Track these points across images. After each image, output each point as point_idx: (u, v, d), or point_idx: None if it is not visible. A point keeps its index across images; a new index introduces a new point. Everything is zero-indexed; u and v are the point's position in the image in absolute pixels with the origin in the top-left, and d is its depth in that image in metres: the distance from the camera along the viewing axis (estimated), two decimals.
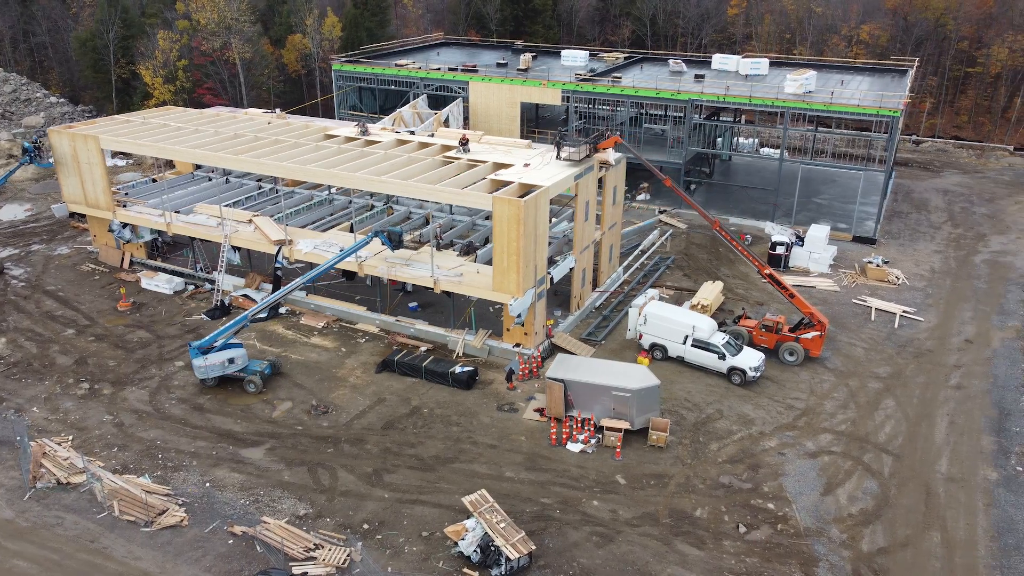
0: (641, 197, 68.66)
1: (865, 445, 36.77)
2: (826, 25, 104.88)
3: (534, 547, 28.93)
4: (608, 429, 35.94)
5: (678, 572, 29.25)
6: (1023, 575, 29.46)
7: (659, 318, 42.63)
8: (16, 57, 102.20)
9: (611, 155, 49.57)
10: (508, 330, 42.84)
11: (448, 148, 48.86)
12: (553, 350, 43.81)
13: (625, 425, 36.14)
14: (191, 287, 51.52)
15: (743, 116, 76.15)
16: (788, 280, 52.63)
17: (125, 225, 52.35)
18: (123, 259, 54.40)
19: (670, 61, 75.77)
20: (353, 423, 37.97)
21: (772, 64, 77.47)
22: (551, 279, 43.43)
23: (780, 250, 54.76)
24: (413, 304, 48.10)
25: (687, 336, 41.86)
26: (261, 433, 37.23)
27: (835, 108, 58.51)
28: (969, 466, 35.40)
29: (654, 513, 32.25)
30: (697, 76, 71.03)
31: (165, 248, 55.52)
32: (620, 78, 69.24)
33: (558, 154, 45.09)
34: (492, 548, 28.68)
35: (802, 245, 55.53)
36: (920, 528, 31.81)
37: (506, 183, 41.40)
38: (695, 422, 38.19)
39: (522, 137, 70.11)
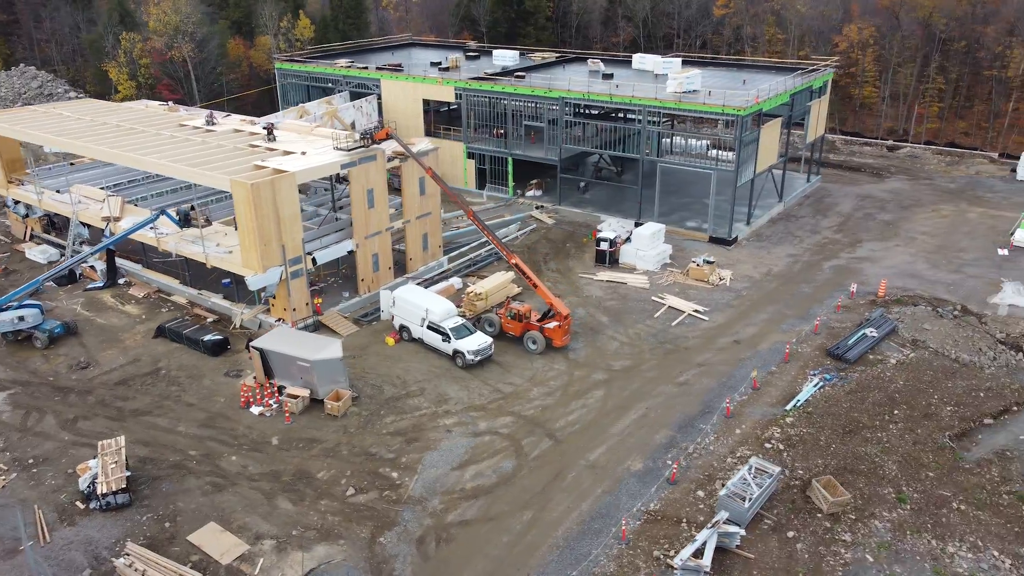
0: (531, 193, 69.99)
1: (536, 430, 37.69)
2: (827, 26, 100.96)
3: (124, 485, 32.35)
4: (289, 395, 38.76)
5: (252, 521, 31.86)
6: (583, 558, 30.03)
7: (404, 301, 44.83)
8: (62, 56, 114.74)
9: (422, 146, 52.08)
10: (272, 306, 46.29)
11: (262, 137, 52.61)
12: (319, 327, 46.90)
13: (305, 392, 38.83)
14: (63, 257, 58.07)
15: (668, 118, 75.36)
16: (605, 275, 53.49)
17: (17, 202, 59.62)
18: (26, 232, 61.81)
19: (589, 61, 76.39)
20: (97, 378, 42.61)
21: (688, 63, 76.61)
22: (313, 260, 46.42)
23: (604, 246, 55.08)
24: (226, 280, 52.28)
25: (424, 319, 43.83)
26: (16, 381, 42.51)
27: (685, 107, 57.98)
28: (619, 456, 35.70)
29: (280, 471, 34.88)
30: (605, 76, 71.44)
31: (61, 224, 62.51)
32: (523, 77, 70.78)
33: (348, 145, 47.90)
34: (94, 484, 32.39)
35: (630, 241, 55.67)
36: (519, 506, 32.77)
37: (264, 168, 44.81)
38: (390, 397, 40.29)
39: (427, 133, 73.29)
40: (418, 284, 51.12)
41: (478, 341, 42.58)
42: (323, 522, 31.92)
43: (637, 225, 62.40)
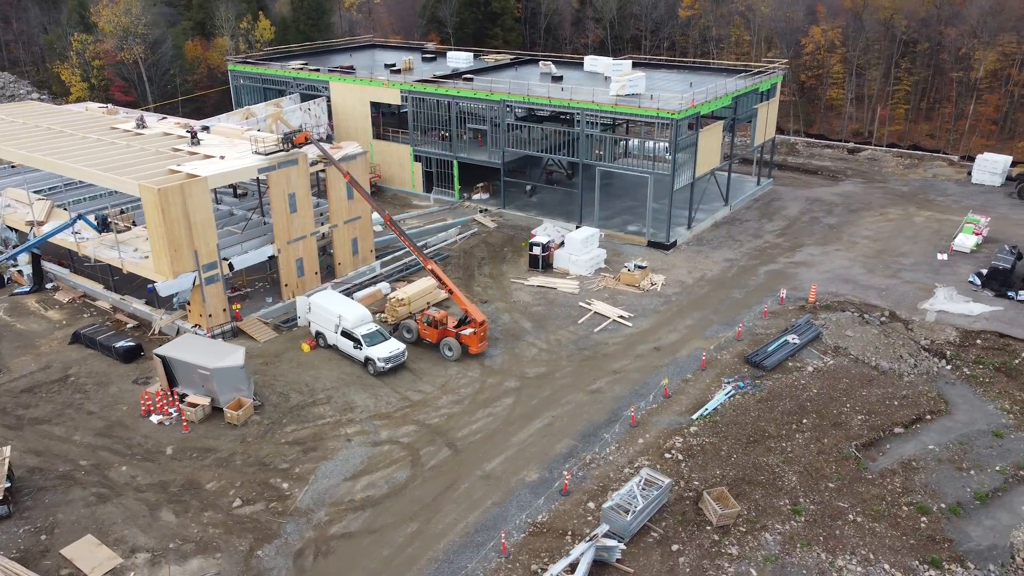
0: (478, 196, 69.48)
1: (437, 439, 37.17)
2: (790, 27, 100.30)
3: (2, 497, 31.81)
4: (188, 404, 38.23)
5: (131, 533, 31.33)
6: (460, 571, 29.52)
7: (319, 307, 44.32)
8: (31, 57, 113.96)
9: (349, 150, 51.59)
10: (189, 312, 45.78)
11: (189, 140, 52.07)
12: (238, 333, 46.39)
13: (206, 401, 38.31)
14: None
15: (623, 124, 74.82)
16: (536, 280, 52.99)
17: None
18: None
19: (540, 63, 75.86)
20: (4, 386, 42.05)
21: (640, 65, 76.19)
22: (230, 265, 45.87)
23: (537, 251, 54.57)
24: (151, 285, 51.68)
25: (337, 325, 43.31)
26: None
27: (621, 110, 57.47)
28: (517, 466, 35.20)
29: (169, 482, 34.34)
30: (555, 78, 70.98)
31: None
32: (471, 79, 70.23)
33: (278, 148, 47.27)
34: None
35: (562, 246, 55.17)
36: (405, 518, 32.26)
37: (178, 172, 44.26)
38: (296, 405, 39.77)
39: (376, 136, 72.80)
40: (344, 290, 50.68)
41: (390, 348, 42.06)
42: (204, 535, 31.39)
43: (577, 229, 61.98)
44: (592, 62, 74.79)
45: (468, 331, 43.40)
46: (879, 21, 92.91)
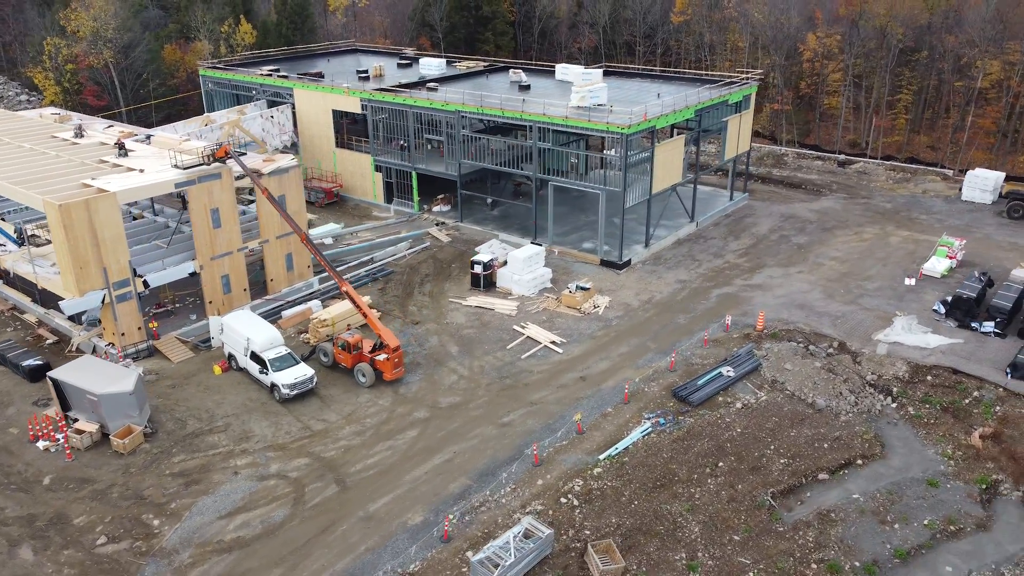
0: (437, 208, 67.60)
1: (328, 474, 35.36)
2: (782, 35, 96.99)
3: None
4: (75, 430, 36.84)
5: None
6: None
7: (229, 328, 42.76)
8: (28, 59, 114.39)
9: (282, 163, 50.04)
10: (104, 329, 44.49)
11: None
12: (153, 352, 45.03)
13: (94, 427, 36.88)
14: None
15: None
16: (475, 300, 51.05)
17: None
18: None
19: (510, 71, 73.77)
20: None
21: (613, 74, 73.83)
22: (144, 283, 44.47)
23: (478, 269, 52.52)
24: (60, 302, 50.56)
25: (247, 348, 41.71)
26: None
27: (572, 123, 55.18)
28: (402, 508, 33.26)
29: (38, 515, 32.94)
30: (522, 87, 68.98)
31: None
32: (435, 88, 68.36)
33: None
34: None
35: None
36: (272, 563, 30.50)
37: (90, 186, 42.95)
38: (191, 432, 38.20)
39: (339, 144, 71.26)
40: (275, 307, 49.16)
41: (295, 374, 40.32)
42: (57, 575, 29.91)
43: (534, 244, 59.87)
44: (563, 70, 72.59)
45: (382, 357, 41.53)
46: (875, 28, 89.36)
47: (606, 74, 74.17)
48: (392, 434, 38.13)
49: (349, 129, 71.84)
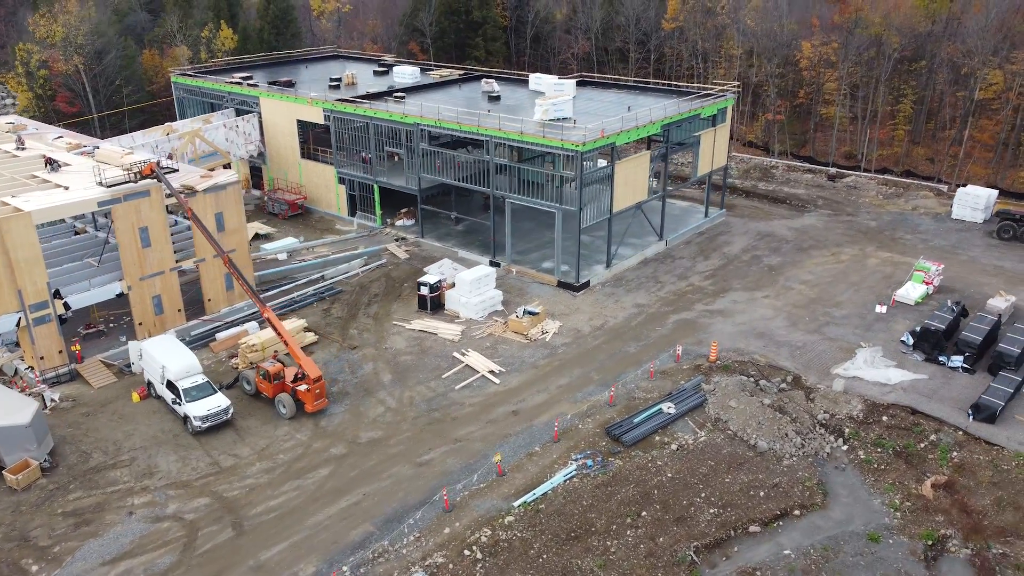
0: (400, 223, 65.64)
1: (226, 516, 33.46)
2: (776, 43, 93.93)
3: None
4: None
5: None
6: None
7: (147, 354, 41.03)
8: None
9: (221, 179, 48.35)
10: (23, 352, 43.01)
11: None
12: (76, 376, 43.47)
13: None
14: None
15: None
16: (418, 324, 49.09)
17: None
18: None
19: (483, 81, 71.60)
20: None
21: (587, 84, 71.51)
22: (65, 305, 42.88)
23: (424, 291, 50.44)
24: None
25: (162, 376, 39.96)
26: None
27: (529, 139, 52.90)
28: (296, 557, 31.26)
29: None
30: (492, 98, 66.85)
31: None
32: (403, 98, 66.36)
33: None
34: None
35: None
36: None
37: (7, 205, 41.44)
38: (93, 467, 36.49)
39: (304, 155, 69.55)
40: (212, 328, 47.47)
41: (209, 405, 38.46)
42: None
43: (492, 264, 57.81)
44: (537, 80, 70.29)
45: (303, 387, 39.60)
46: (871, 37, 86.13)
47: (582, 84, 71.96)
48: (303, 472, 36.17)
49: (317, 140, 70.09)
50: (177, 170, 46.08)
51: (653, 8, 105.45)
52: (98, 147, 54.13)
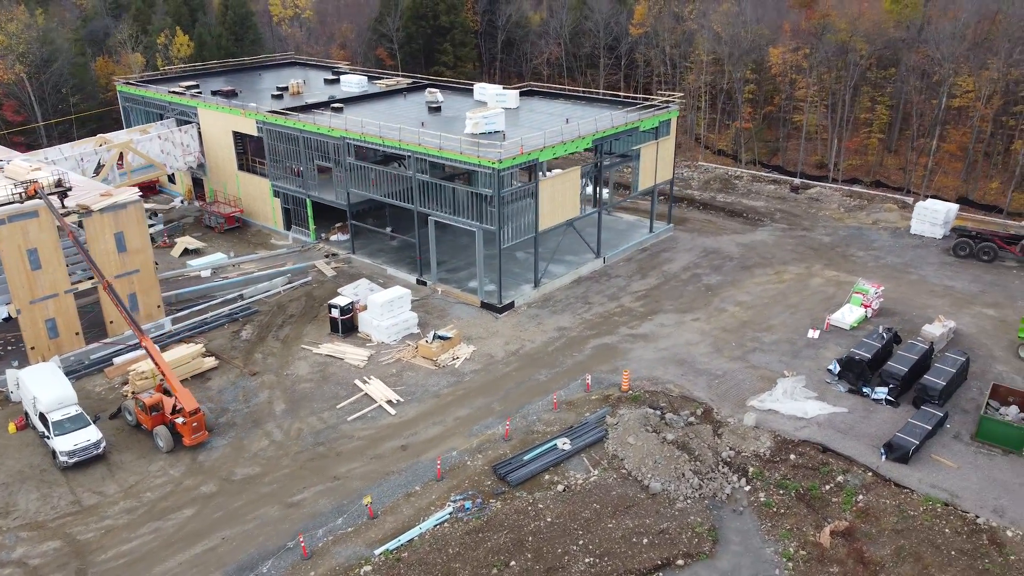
0: (335, 238, 63.85)
1: (73, 562, 31.70)
2: (746, 48, 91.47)
3: None
4: None
5: None
6: None
7: (23, 383, 39.36)
8: None
9: (121, 198, 46.74)
10: None
11: None
12: None
13: None
14: None
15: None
16: (326, 348, 47.29)
17: None
18: None
19: (427, 91, 69.64)
20: None
21: (534, 94, 69.50)
22: None
23: (335, 313, 48.60)
24: None
25: (35, 407, 38.29)
26: None
27: (447, 156, 50.94)
28: None
29: None
30: (432, 108, 64.95)
31: None
32: (340, 108, 64.56)
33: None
34: None
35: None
36: None
37: None
38: None
39: (241, 167, 67.91)
40: (113, 352, 45.84)
41: (77, 439, 36.71)
42: None
43: (419, 283, 55.96)
44: (481, 90, 68.29)
45: (181, 420, 37.83)
46: (837, 43, 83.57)
47: (530, 95, 70.00)
48: (166, 513, 34.39)
49: (256, 152, 68.38)
50: (70, 189, 44.33)
51: (624, 13, 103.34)
52: (9, 162, 52.63)
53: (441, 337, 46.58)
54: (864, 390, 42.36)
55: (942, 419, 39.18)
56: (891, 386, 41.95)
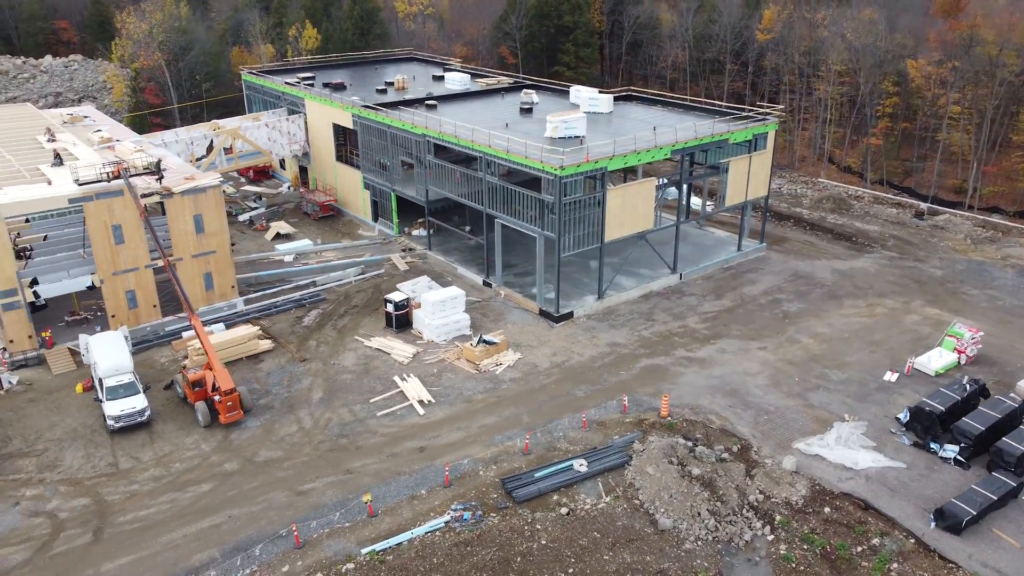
0: (416, 233, 64.87)
1: (94, 520, 33.92)
2: (883, 58, 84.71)
3: None
4: None
5: None
6: None
7: (90, 349, 42.53)
8: None
9: (202, 182, 49.64)
10: None
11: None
12: (43, 361, 46.01)
13: None
14: None
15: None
16: (376, 342, 48.29)
17: None
18: None
19: (523, 92, 69.27)
20: None
21: (628, 99, 67.46)
22: (35, 293, 45.38)
23: (389, 308, 49.28)
24: None
25: (95, 371, 41.35)
26: None
27: (513, 159, 50.25)
28: (135, 573, 31.16)
29: None
30: (524, 110, 64.71)
31: None
32: (434, 105, 65.65)
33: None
34: None
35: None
36: None
37: None
38: (7, 453, 38.27)
39: (339, 159, 70.36)
40: (176, 327, 48.89)
41: (123, 406, 39.32)
42: None
43: (485, 284, 55.89)
44: (576, 93, 67.10)
45: (219, 398, 39.67)
46: (986, 57, 75.64)
47: (628, 99, 68.18)
48: (186, 485, 36.14)
49: (354, 144, 70.61)
50: (160, 171, 47.42)
51: (756, 18, 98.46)
52: (120, 141, 57.14)
53: (487, 342, 46.23)
54: (932, 446, 38.12)
55: (1015, 490, 34.59)
56: (963, 445, 37.52)
